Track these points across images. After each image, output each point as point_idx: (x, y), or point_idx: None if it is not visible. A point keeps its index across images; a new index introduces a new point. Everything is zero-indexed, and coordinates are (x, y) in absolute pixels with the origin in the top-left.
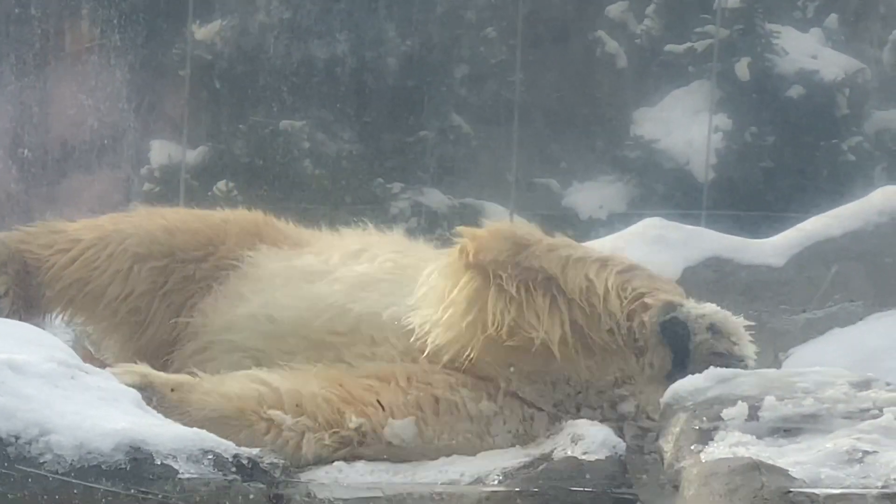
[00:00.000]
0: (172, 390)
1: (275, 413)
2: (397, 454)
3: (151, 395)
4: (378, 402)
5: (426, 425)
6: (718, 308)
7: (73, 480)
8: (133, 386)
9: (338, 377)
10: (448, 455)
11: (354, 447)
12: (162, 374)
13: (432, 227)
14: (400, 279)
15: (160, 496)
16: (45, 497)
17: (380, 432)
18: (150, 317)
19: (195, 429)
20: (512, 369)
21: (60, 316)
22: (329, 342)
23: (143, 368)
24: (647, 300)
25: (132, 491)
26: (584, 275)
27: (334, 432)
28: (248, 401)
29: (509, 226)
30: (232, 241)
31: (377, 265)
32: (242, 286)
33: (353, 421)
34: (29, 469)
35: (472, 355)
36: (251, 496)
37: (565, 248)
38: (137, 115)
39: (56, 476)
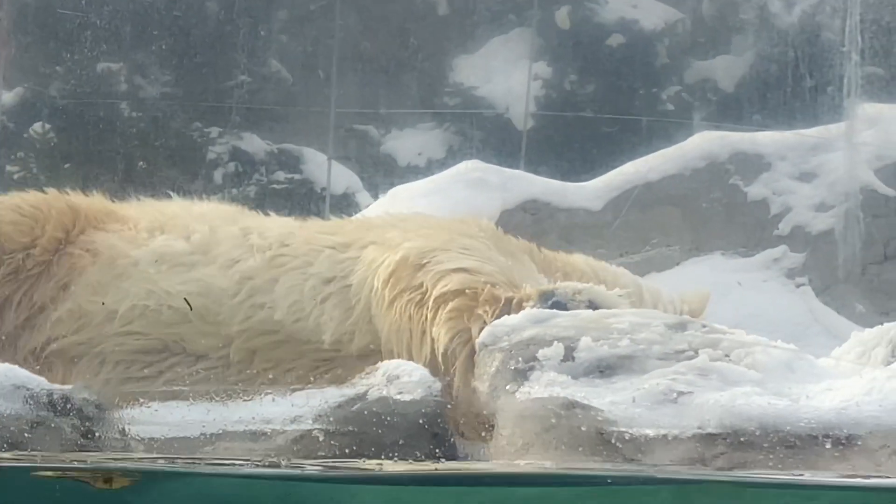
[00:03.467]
0: None
1: None
2: None
3: None
4: None
5: None
6: (591, 284)
7: None
8: None
9: None
10: None
11: None
12: None
13: (250, 172)
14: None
15: None
16: None
17: None
18: None
19: (7, 364)
20: None
21: None
22: (255, 341)
23: None
24: (528, 291)
25: None
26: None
27: None
28: None
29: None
30: (51, 225)
31: (269, 259)
32: (101, 275)
33: None
34: None
35: None
36: (63, 432)
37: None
38: None
39: None
